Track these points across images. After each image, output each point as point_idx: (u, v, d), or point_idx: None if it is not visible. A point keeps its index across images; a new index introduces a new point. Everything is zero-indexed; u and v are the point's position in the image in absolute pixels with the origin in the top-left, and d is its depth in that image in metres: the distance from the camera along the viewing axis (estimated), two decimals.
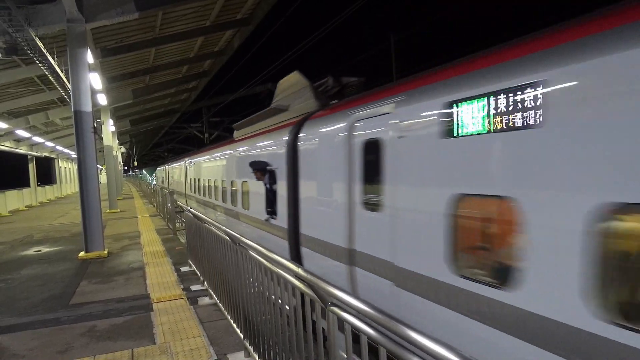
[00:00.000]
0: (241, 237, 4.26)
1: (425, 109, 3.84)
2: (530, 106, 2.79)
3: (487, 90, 3.13)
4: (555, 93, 2.64)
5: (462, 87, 3.41)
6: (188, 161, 20.06)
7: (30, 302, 6.96)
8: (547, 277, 2.67)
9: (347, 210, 5.11)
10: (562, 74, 2.62)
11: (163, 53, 18.66)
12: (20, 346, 5.16)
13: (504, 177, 3.02)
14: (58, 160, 39.76)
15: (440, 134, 3.60)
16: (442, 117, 3.58)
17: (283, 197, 7.08)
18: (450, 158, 3.50)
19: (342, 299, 2.34)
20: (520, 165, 2.87)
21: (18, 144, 26.53)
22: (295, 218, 6.66)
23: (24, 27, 8.98)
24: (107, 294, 7.22)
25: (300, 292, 2.99)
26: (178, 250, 10.59)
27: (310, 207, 6.28)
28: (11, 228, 17.50)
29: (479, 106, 3.20)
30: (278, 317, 3.44)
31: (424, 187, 3.83)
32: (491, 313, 3.04)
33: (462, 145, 3.37)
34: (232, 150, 11.43)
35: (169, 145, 70.88)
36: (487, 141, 3.13)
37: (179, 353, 4.74)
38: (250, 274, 4.08)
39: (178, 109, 36.59)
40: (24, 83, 16.23)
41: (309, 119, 6.59)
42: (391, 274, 4.23)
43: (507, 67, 3.04)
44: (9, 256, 11.17)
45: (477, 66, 3.40)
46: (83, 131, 10.19)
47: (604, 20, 2.56)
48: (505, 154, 3.01)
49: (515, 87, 2.90)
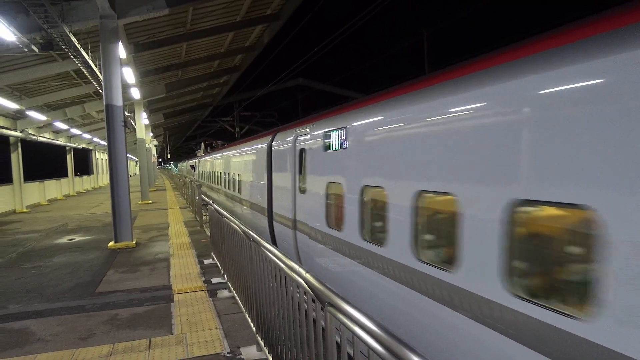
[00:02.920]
0: (252, 233, 4.35)
1: (318, 133, 6.71)
2: (344, 138, 5.68)
3: (336, 127, 5.99)
4: (350, 132, 5.55)
5: (331, 124, 6.23)
6: (197, 160, 31.97)
7: (59, 289, 7.24)
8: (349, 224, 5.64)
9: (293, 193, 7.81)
10: (352, 125, 5.50)
11: (194, 48, 18.96)
12: (46, 331, 5.39)
13: (341, 172, 5.77)
14: (95, 152, 41.02)
15: (323, 147, 6.47)
16: (324, 138, 6.41)
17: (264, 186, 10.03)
18: (326, 162, 6.31)
19: (334, 302, 2.36)
20: (343, 167, 5.71)
21: (57, 136, 27.51)
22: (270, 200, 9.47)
23: (58, 23, 9.28)
24: (131, 284, 7.44)
25: (303, 291, 3.01)
26: (203, 243, 10.79)
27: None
28: (48, 216, 18.21)
29: (336, 134, 5.99)
30: (285, 314, 3.47)
31: (318, 178, 6.64)
32: (338, 247, 5.80)
33: (330, 155, 6.19)
34: (219, 154, 18.34)
35: (202, 138, 71.96)
36: (337, 154, 5.94)
37: (194, 344, 4.85)
38: (261, 268, 4.14)
39: (210, 102, 37.12)
40: (61, 77, 16.78)
41: (280, 132, 9.35)
42: (307, 231, 7.04)
43: (342, 117, 5.90)
44: (44, 244, 11.63)
45: (337, 112, 6.23)
46: (114, 124, 10.48)
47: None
48: (341, 161, 5.81)
49: (341, 127, 5.81)
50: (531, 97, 2.85)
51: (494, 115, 3.18)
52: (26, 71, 14.28)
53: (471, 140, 3.40)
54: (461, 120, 3.53)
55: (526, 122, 2.89)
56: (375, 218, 4.98)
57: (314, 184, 6.82)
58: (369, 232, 5.09)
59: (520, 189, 2.92)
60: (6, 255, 10.26)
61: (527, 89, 2.90)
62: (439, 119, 3.81)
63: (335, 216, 6.07)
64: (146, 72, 19.38)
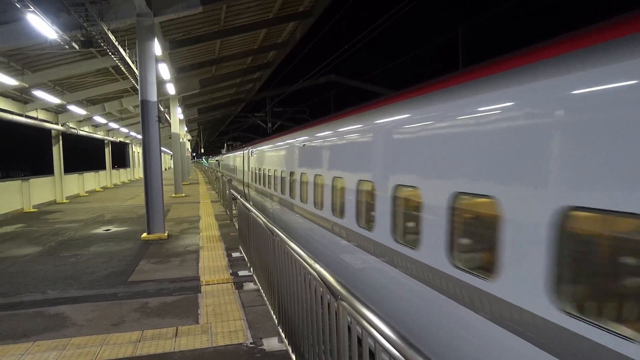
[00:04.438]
0: (276, 228, 4.45)
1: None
2: None
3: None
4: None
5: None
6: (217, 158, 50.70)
7: (94, 277, 7.57)
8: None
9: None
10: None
11: (228, 44, 19.27)
12: (80, 317, 5.66)
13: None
14: (132, 145, 42.23)
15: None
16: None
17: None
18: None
19: (345, 296, 2.43)
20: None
21: (96, 129, 28.47)
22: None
23: (97, 22, 9.65)
24: (162, 274, 7.70)
25: (319, 285, 3.08)
26: (232, 236, 11.02)
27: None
28: (86, 207, 18.92)
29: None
30: (304, 307, 3.56)
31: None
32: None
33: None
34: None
35: (235, 133, 73.04)
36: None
37: (219, 334, 5.01)
38: (282, 262, 4.24)
39: (243, 98, 37.65)
40: (100, 73, 17.39)
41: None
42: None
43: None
44: (82, 233, 12.13)
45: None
46: (148, 119, 10.82)
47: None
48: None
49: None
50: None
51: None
52: (67, 67, 14.89)
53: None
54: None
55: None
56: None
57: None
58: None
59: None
60: (47, 243, 10.76)
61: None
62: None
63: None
64: (181, 68, 19.83)
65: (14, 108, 16.77)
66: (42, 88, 15.97)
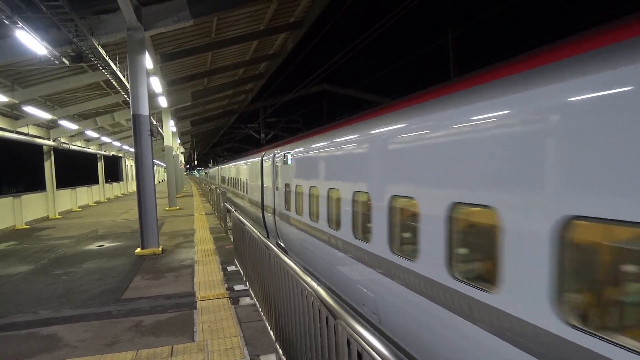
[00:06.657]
0: (271, 245, 4.38)
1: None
2: None
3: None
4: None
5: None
6: (207, 169, 64.34)
7: (87, 295, 7.45)
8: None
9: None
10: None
11: (220, 56, 19.26)
12: (73, 337, 5.55)
13: None
14: (125, 159, 42.01)
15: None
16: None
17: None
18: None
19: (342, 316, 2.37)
20: None
21: (88, 144, 28.30)
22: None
23: (87, 37, 9.59)
24: (156, 290, 7.59)
25: (318, 305, 3.02)
26: (227, 249, 10.92)
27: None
28: (79, 223, 18.73)
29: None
30: (301, 322, 3.49)
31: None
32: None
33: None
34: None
35: (228, 144, 72.92)
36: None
37: (215, 352, 4.92)
38: (278, 277, 4.17)
39: (236, 109, 37.58)
40: (92, 87, 17.30)
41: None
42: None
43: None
44: (74, 250, 11.98)
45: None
46: (140, 133, 10.74)
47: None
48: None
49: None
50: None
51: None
52: (58, 82, 14.79)
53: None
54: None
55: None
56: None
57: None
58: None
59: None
60: (40, 261, 10.60)
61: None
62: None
63: None
64: (173, 81, 19.79)
65: (4, 124, 16.63)
66: (32, 104, 15.86)
